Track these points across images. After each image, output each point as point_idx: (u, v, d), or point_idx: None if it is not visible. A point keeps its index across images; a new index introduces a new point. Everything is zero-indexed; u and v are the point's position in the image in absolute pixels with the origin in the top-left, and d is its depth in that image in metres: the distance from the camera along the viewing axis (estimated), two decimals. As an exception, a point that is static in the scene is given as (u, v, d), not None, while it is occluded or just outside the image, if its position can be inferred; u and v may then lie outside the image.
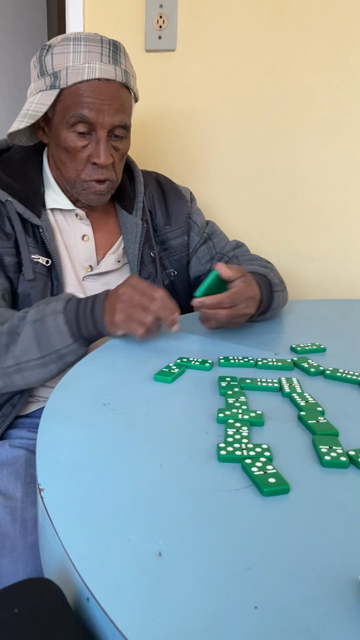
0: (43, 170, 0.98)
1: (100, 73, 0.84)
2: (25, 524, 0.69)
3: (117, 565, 0.36)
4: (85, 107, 0.84)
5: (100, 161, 0.88)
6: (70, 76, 0.84)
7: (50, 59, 0.85)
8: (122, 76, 0.87)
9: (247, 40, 1.29)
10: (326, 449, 0.51)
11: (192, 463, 0.50)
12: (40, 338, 0.76)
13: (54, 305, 0.78)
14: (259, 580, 0.35)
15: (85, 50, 0.84)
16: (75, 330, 0.77)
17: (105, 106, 0.85)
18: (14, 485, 0.75)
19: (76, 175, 0.90)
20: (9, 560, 0.65)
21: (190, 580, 0.35)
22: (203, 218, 1.12)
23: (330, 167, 1.35)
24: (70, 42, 0.84)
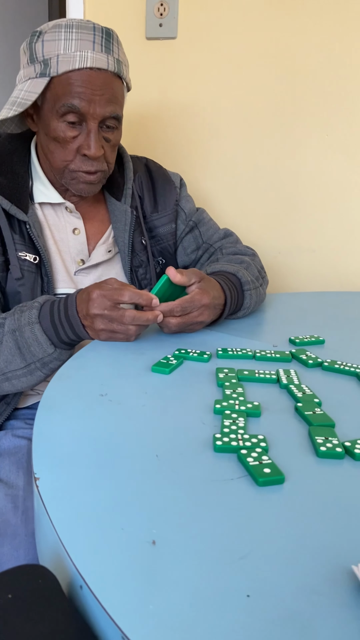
0: (31, 161, 0.95)
1: (92, 62, 0.81)
2: (26, 512, 0.70)
3: (110, 554, 0.37)
4: (76, 96, 0.82)
5: (90, 153, 0.85)
6: (61, 64, 0.81)
7: (40, 46, 0.82)
8: (114, 65, 0.84)
9: (249, 28, 1.28)
10: (322, 439, 0.51)
11: (188, 453, 0.50)
12: (21, 348, 0.77)
13: (28, 315, 0.77)
14: (252, 569, 0.36)
15: (77, 37, 0.81)
16: (55, 339, 0.77)
17: (96, 96, 0.83)
18: (15, 474, 0.76)
19: (64, 166, 0.88)
20: (10, 548, 0.65)
21: (183, 568, 0.36)
22: (192, 205, 1.08)
23: (332, 158, 1.34)
24: (62, 29, 0.81)
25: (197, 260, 1.08)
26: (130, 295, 0.74)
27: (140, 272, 0.99)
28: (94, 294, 0.74)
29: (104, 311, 0.73)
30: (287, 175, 1.37)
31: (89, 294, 0.75)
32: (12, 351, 0.77)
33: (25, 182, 0.91)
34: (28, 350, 0.77)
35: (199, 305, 0.80)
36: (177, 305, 0.78)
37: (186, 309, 0.79)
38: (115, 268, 0.99)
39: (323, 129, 1.32)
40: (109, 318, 0.74)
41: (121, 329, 0.76)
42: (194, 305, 0.79)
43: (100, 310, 0.74)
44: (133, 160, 1.05)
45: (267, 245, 1.40)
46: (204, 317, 0.81)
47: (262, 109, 1.33)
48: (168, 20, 1.29)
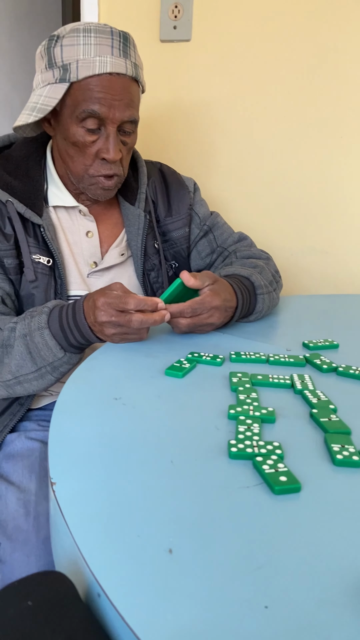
0: (46, 165, 0.95)
1: (112, 67, 0.81)
2: (38, 518, 0.70)
3: (128, 562, 0.37)
4: (97, 102, 0.82)
5: (109, 157, 0.86)
6: (80, 70, 0.81)
7: (59, 50, 0.82)
8: (132, 70, 0.84)
9: (262, 31, 1.28)
10: (338, 447, 0.51)
11: (202, 459, 0.50)
12: (31, 352, 0.77)
13: (38, 320, 0.78)
14: (269, 580, 0.36)
15: (96, 42, 0.81)
16: (65, 343, 0.78)
17: (116, 101, 0.83)
18: (28, 478, 0.76)
19: (84, 170, 0.88)
20: (22, 554, 0.65)
21: (200, 578, 0.36)
22: (206, 209, 1.09)
23: (345, 159, 1.33)
24: (80, 34, 0.82)
25: (211, 264, 1.08)
26: (136, 303, 0.74)
27: (152, 276, 1.00)
28: (99, 302, 0.74)
29: (112, 318, 0.74)
30: (300, 177, 1.37)
31: (94, 302, 0.75)
32: (23, 355, 0.78)
33: (40, 185, 0.92)
34: (38, 354, 0.77)
35: (209, 307, 0.80)
36: (188, 306, 0.79)
37: (196, 310, 0.80)
38: (127, 271, 0.99)
39: (337, 131, 1.31)
40: (117, 323, 0.75)
41: (132, 331, 0.76)
42: (204, 307, 0.80)
43: (107, 317, 0.74)
44: (147, 165, 1.05)
45: (280, 247, 1.40)
46: (214, 319, 0.82)
47: (275, 111, 1.33)
48: (182, 23, 1.29)
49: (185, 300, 0.81)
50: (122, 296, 0.74)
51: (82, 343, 0.79)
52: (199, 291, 0.82)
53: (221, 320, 0.83)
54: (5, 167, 0.92)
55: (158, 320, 0.76)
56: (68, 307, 0.79)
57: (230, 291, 0.84)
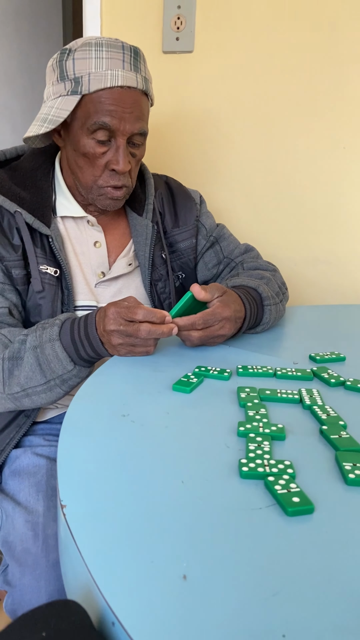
0: (55, 176, 0.97)
1: (123, 81, 0.83)
2: (47, 541, 0.69)
3: (142, 589, 0.36)
4: (107, 114, 0.84)
5: (119, 168, 0.87)
6: (92, 83, 0.83)
7: (71, 63, 0.84)
8: (142, 83, 0.86)
9: (265, 42, 1.28)
10: (350, 466, 0.51)
11: (214, 479, 0.50)
12: (41, 365, 0.77)
13: (49, 332, 0.78)
14: (286, 607, 0.35)
15: (108, 56, 0.83)
16: (75, 356, 0.78)
17: (126, 114, 0.84)
18: (35, 498, 0.75)
19: (93, 181, 0.90)
20: (32, 578, 0.64)
21: (216, 605, 0.35)
22: (213, 221, 1.10)
23: (349, 170, 1.33)
24: (92, 48, 0.83)
25: (218, 275, 1.09)
26: (144, 314, 0.75)
27: (159, 286, 1.00)
28: (109, 311, 0.75)
29: (120, 327, 0.74)
30: (304, 187, 1.37)
31: (105, 311, 0.76)
32: (32, 367, 0.77)
33: (49, 196, 0.93)
34: (48, 366, 0.77)
35: (220, 318, 0.80)
36: (199, 318, 0.79)
37: (208, 322, 0.80)
38: (135, 281, 0.99)
39: (340, 141, 1.31)
40: (125, 333, 0.75)
41: (139, 342, 0.76)
42: (216, 318, 0.80)
43: (115, 326, 0.74)
44: (154, 178, 1.06)
45: (284, 257, 1.40)
46: (226, 330, 0.82)
47: (278, 121, 1.33)
48: (185, 34, 1.29)
49: (194, 313, 0.81)
50: (131, 306, 0.75)
51: (92, 356, 0.79)
52: (208, 303, 0.82)
53: (232, 332, 0.83)
54: (14, 178, 0.92)
55: (166, 331, 0.76)
56: (80, 320, 0.79)
57: (239, 302, 0.84)
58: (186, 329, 0.79)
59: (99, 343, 0.77)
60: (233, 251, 1.09)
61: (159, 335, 0.76)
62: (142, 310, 0.75)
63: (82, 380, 0.79)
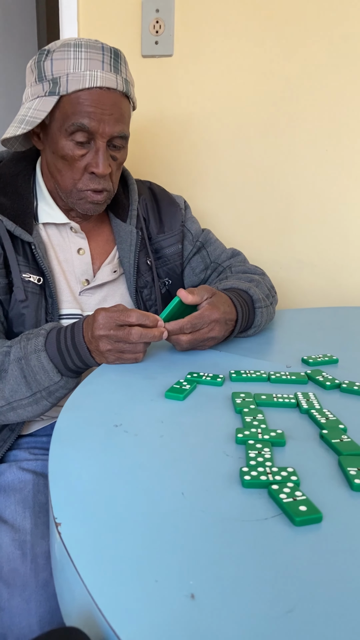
0: (36, 181, 0.94)
1: (102, 81, 0.81)
2: (36, 560, 0.65)
3: (148, 610, 0.34)
4: (86, 116, 0.82)
5: (99, 171, 0.85)
6: (70, 83, 0.81)
7: (49, 64, 0.82)
8: (123, 85, 0.84)
9: (245, 44, 1.28)
10: (355, 471, 0.49)
11: (215, 490, 0.47)
12: (26, 377, 0.75)
13: (34, 342, 0.75)
14: (302, 624, 0.33)
15: (86, 57, 0.81)
16: (62, 366, 0.75)
17: (105, 116, 0.82)
18: (22, 515, 0.72)
19: (72, 185, 0.87)
20: (21, 600, 0.61)
21: (227, 626, 0.33)
22: (198, 226, 1.09)
23: (331, 173, 1.33)
24: (71, 48, 0.81)
25: (205, 280, 1.08)
26: (137, 316, 0.73)
27: (145, 293, 0.98)
28: (99, 315, 0.73)
29: (110, 331, 0.72)
30: (286, 191, 1.36)
31: (94, 316, 0.74)
32: (17, 380, 0.74)
33: (30, 203, 0.90)
34: (34, 378, 0.74)
35: (208, 320, 0.79)
36: (187, 322, 0.77)
37: (196, 325, 0.78)
38: (120, 289, 0.97)
39: (322, 144, 1.32)
40: (115, 338, 0.73)
41: (129, 348, 0.74)
42: (204, 321, 0.78)
43: (105, 331, 0.72)
44: (137, 184, 1.05)
45: (268, 261, 1.39)
46: (215, 333, 0.80)
47: (259, 125, 1.33)
48: (164, 38, 1.28)
49: (183, 316, 0.79)
50: (123, 310, 0.73)
51: (79, 366, 0.76)
52: (198, 306, 0.80)
53: (222, 334, 0.81)
54: None
55: (157, 335, 0.74)
56: (67, 329, 0.77)
57: (230, 304, 0.83)
58: (175, 333, 0.77)
59: (87, 352, 0.75)
60: (220, 256, 1.08)
61: (150, 338, 0.74)
62: (135, 313, 0.73)
63: (70, 391, 0.76)
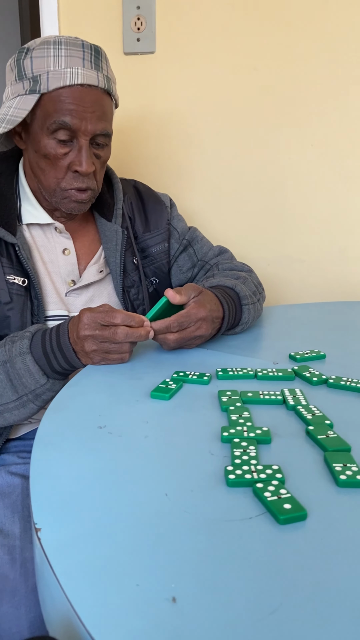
0: (19, 181, 0.93)
1: (83, 79, 0.80)
2: (25, 565, 0.65)
3: (128, 617, 0.33)
4: (67, 114, 0.81)
5: (82, 169, 0.84)
6: (51, 81, 0.80)
7: (29, 62, 0.81)
8: (104, 82, 0.83)
9: (228, 40, 1.27)
10: (340, 467, 0.49)
11: (199, 490, 0.47)
12: (12, 380, 0.74)
13: (19, 345, 0.75)
14: (286, 625, 0.32)
15: (67, 54, 0.80)
16: (48, 368, 0.75)
17: (87, 113, 0.82)
18: (11, 520, 0.71)
19: (56, 184, 0.86)
20: (10, 606, 0.60)
21: (210, 629, 0.32)
22: (184, 224, 1.08)
23: (317, 167, 1.33)
24: (51, 46, 0.81)
25: (192, 278, 1.07)
26: (123, 318, 0.72)
27: (132, 293, 0.97)
28: (84, 316, 0.73)
29: (95, 331, 0.72)
30: (273, 186, 1.36)
31: (79, 317, 0.74)
32: (3, 384, 0.74)
33: (13, 203, 0.89)
34: (20, 382, 0.73)
35: (195, 319, 0.78)
36: (173, 320, 0.76)
37: (183, 324, 0.77)
38: (107, 289, 0.96)
39: (308, 139, 1.31)
40: (100, 338, 0.72)
41: (114, 348, 0.73)
42: (191, 319, 0.78)
43: (90, 331, 0.72)
44: (122, 182, 1.04)
45: (257, 257, 1.38)
46: (202, 331, 0.79)
47: (244, 120, 1.32)
48: (146, 35, 1.27)
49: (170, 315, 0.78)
50: (108, 311, 0.72)
51: (65, 368, 0.76)
52: (184, 305, 0.80)
53: (209, 332, 0.81)
54: None
55: (143, 335, 0.74)
56: (52, 330, 0.76)
57: (216, 301, 0.82)
58: (161, 332, 0.77)
59: (72, 353, 0.74)
60: (207, 253, 1.07)
61: (136, 338, 0.73)
62: (121, 314, 0.73)
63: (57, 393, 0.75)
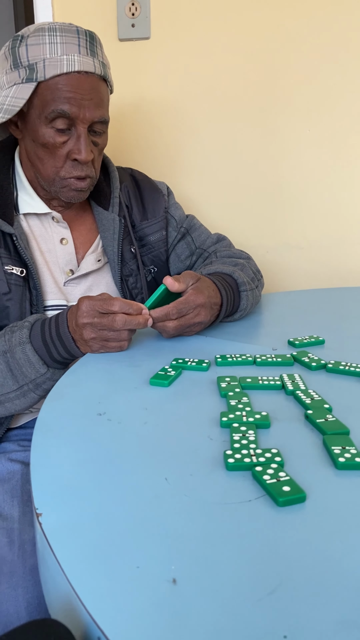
0: (15, 171, 0.92)
1: (80, 65, 0.80)
2: (23, 547, 0.65)
3: (128, 598, 0.33)
4: (66, 102, 0.80)
5: (81, 157, 0.83)
6: (48, 69, 0.79)
7: (24, 50, 0.80)
8: (100, 68, 0.83)
9: (224, 24, 1.26)
10: (339, 449, 0.49)
11: (198, 474, 0.47)
12: (12, 370, 0.74)
13: (19, 335, 0.75)
14: (285, 605, 0.33)
15: (62, 41, 0.79)
16: (47, 358, 0.75)
17: (85, 101, 0.81)
18: (10, 504, 0.72)
19: (55, 173, 0.86)
20: (8, 587, 0.61)
21: (210, 610, 0.32)
22: (182, 212, 1.07)
23: (314, 153, 1.32)
24: (46, 33, 0.80)
25: (191, 266, 1.07)
26: (121, 305, 0.73)
27: (130, 282, 0.97)
28: (83, 304, 0.73)
29: (94, 319, 0.72)
30: (271, 173, 1.35)
31: (78, 305, 0.74)
32: (3, 374, 0.74)
33: (10, 193, 0.89)
34: (20, 371, 0.74)
35: (194, 305, 0.78)
36: (172, 307, 0.76)
37: (182, 311, 0.77)
38: (105, 278, 0.96)
39: (305, 125, 1.30)
40: (98, 326, 0.72)
41: (113, 336, 0.74)
42: (190, 306, 0.78)
43: (89, 319, 0.72)
44: (118, 171, 1.03)
45: (255, 244, 1.38)
46: (201, 317, 0.79)
47: (241, 106, 1.31)
48: (140, 20, 1.26)
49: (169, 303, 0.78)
50: (107, 299, 0.73)
51: (65, 357, 0.76)
52: (182, 292, 0.80)
53: (208, 319, 0.81)
54: None
55: (142, 322, 0.74)
56: (51, 320, 0.76)
57: (214, 288, 0.82)
58: (161, 320, 0.77)
59: (71, 342, 0.74)
60: (205, 241, 1.07)
61: (135, 325, 0.73)
62: (119, 301, 0.73)
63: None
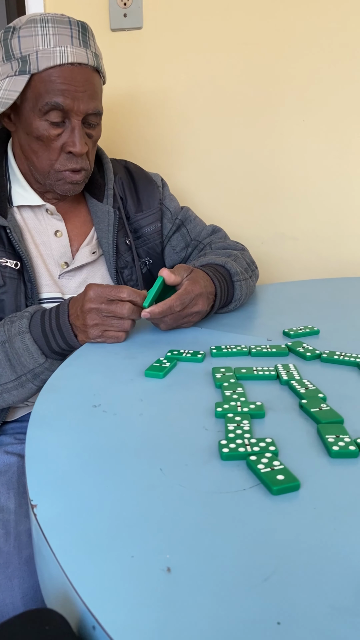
0: (8, 163, 0.92)
1: (73, 57, 0.79)
2: (19, 537, 0.66)
3: (123, 587, 0.33)
4: (59, 94, 0.79)
5: (76, 150, 0.83)
6: (41, 61, 0.78)
7: (17, 42, 0.79)
8: (93, 60, 0.82)
9: (217, 14, 1.25)
10: (333, 438, 0.49)
11: (193, 464, 0.47)
12: (11, 360, 0.75)
13: (18, 325, 0.75)
14: (278, 592, 0.33)
15: (55, 32, 0.79)
16: (46, 348, 0.75)
17: (79, 93, 0.80)
18: (6, 496, 0.72)
19: (49, 166, 0.85)
20: (4, 577, 0.61)
21: (204, 597, 0.33)
22: (177, 204, 1.07)
23: (309, 144, 1.32)
24: (38, 24, 0.79)
25: (186, 258, 1.07)
26: (129, 293, 0.74)
27: (126, 274, 0.97)
28: (91, 290, 0.74)
29: (101, 305, 0.73)
30: (265, 164, 1.35)
31: (85, 291, 0.75)
32: (2, 364, 0.75)
33: (3, 186, 0.88)
34: (18, 361, 0.74)
35: (193, 295, 0.78)
36: (175, 299, 0.77)
37: (185, 302, 0.77)
38: (100, 270, 0.95)
39: (300, 115, 1.30)
40: (105, 312, 0.73)
41: (116, 323, 0.74)
42: (189, 296, 0.78)
43: (96, 304, 0.73)
44: (112, 163, 1.03)
45: (250, 236, 1.38)
46: (199, 307, 0.79)
47: (235, 97, 1.30)
48: (132, 10, 1.25)
49: (164, 297, 0.79)
50: (115, 286, 0.74)
51: (63, 348, 0.76)
52: (177, 285, 0.80)
53: (205, 308, 0.81)
54: None
55: (144, 315, 0.75)
56: (51, 310, 0.77)
57: (207, 278, 0.83)
58: (165, 314, 0.76)
59: (70, 332, 0.75)
60: (200, 233, 1.06)
61: (137, 316, 0.75)
62: (127, 289, 0.74)
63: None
